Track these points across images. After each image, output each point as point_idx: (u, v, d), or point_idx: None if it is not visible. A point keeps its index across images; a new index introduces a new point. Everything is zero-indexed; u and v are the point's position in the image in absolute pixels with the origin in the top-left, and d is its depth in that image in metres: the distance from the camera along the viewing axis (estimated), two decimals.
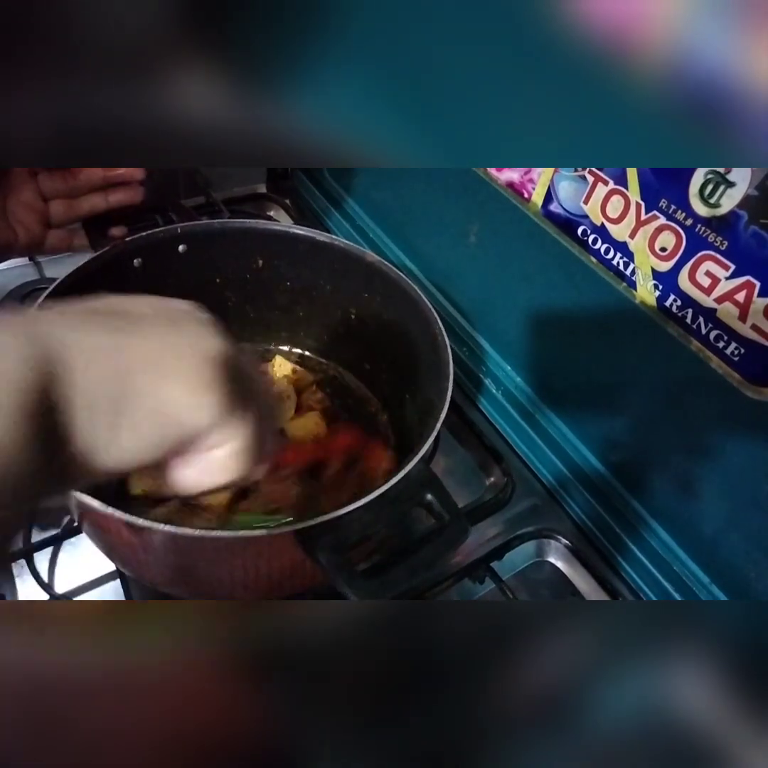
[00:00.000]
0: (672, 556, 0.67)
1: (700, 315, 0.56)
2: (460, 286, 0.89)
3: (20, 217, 0.63)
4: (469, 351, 0.88)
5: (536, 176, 0.67)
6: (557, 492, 0.78)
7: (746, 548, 0.59)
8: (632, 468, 0.70)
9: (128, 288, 0.69)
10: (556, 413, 0.78)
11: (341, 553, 0.47)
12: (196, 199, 1.09)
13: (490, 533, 0.73)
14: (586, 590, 0.73)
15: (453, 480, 0.79)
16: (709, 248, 0.53)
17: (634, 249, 0.59)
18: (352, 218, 1.06)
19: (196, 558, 0.51)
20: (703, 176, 0.52)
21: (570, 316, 0.71)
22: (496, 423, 0.86)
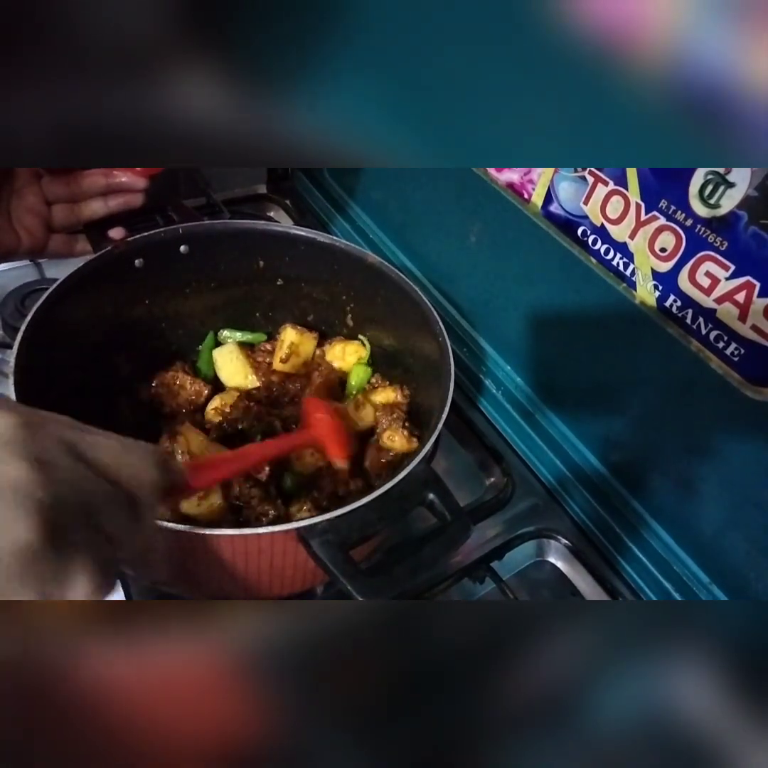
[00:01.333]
0: (672, 556, 0.67)
1: (700, 315, 0.56)
2: (460, 286, 0.89)
3: (23, 221, 0.63)
4: (469, 351, 0.88)
5: (536, 177, 0.67)
6: (557, 492, 0.78)
7: (746, 548, 0.59)
8: (632, 468, 0.70)
9: (130, 288, 0.70)
10: (556, 413, 0.78)
11: (343, 551, 0.47)
12: (197, 200, 1.09)
13: (490, 533, 0.73)
14: (586, 590, 0.73)
15: (453, 480, 0.79)
16: (709, 249, 0.53)
17: (634, 249, 0.60)
18: (353, 219, 1.06)
19: (196, 557, 0.51)
20: (703, 177, 0.52)
21: (570, 317, 0.71)
22: (496, 423, 0.86)
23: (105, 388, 0.70)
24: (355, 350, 0.78)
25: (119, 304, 0.70)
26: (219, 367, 0.77)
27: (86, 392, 0.65)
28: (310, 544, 0.47)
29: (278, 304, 0.81)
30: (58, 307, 0.60)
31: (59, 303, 0.60)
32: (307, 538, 0.47)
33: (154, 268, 0.70)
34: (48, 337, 0.59)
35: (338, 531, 0.47)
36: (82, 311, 0.65)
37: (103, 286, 0.66)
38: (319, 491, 0.64)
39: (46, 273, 0.95)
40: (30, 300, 0.86)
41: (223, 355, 0.77)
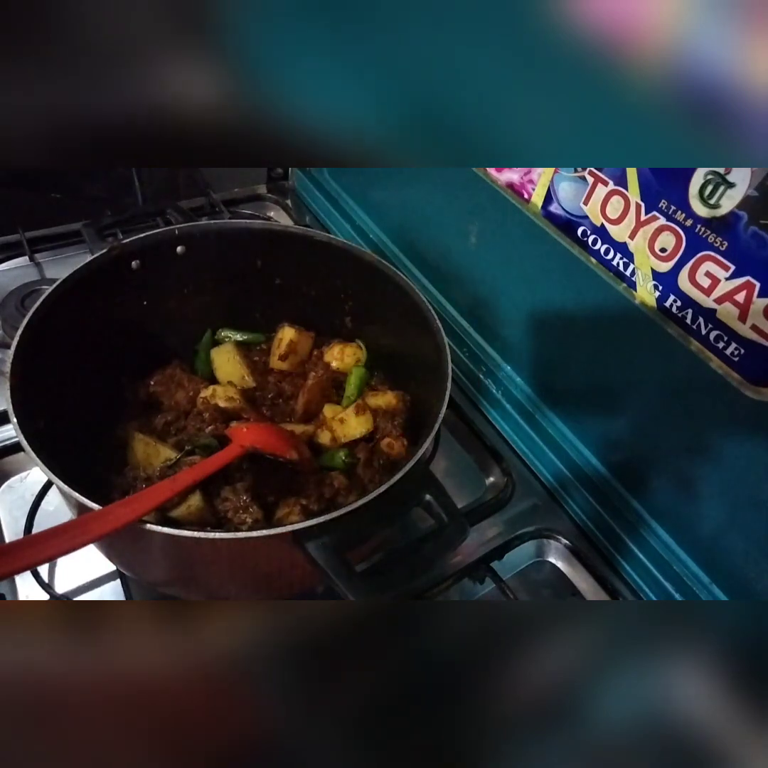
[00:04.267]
0: (672, 556, 0.67)
1: (700, 315, 0.56)
2: (460, 286, 0.89)
3: None
4: (469, 351, 0.88)
5: (536, 177, 0.67)
6: (557, 492, 0.78)
7: (746, 548, 0.59)
8: (632, 468, 0.70)
9: (128, 289, 0.70)
10: (556, 413, 0.78)
11: (339, 554, 0.47)
12: (196, 200, 1.09)
13: (490, 533, 0.73)
14: (586, 590, 0.73)
15: (453, 480, 0.79)
16: (709, 249, 0.53)
17: (634, 249, 0.59)
18: (352, 218, 1.06)
19: (195, 559, 0.51)
20: (703, 177, 0.52)
21: (570, 317, 0.71)
22: (496, 423, 0.86)
23: (103, 387, 0.70)
24: (354, 352, 0.78)
25: (117, 304, 0.70)
26: (216, 366, 0.77)
27: (85, 391, 0.65)
28: (305, 546, 0.47)
29: (276, 303, 0.81)
30: (57, 307, 0.60)
31: (59, 303, 0.60)
32: (303, 541, 0.47)
33: (151, 268, 0.70)
34: (47, 336, 0.59)
35: (334, 533, 0.47)
36: (81, 311, 0.65)
37: (102, 286, 0.66)
38: (306, 496, 0.63)
39: (46, 273, 0.95)
40: (30, 300, 0.86)
41: (220, 354, 0.77)
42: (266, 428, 0.64)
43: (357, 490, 0.65)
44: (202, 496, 0.59)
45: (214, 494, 0.61)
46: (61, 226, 1.00)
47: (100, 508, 0.46)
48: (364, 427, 0.70)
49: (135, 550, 0.52)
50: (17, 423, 0.50)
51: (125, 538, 0.51)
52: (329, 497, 0.64)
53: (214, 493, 0.61)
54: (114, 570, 0.65)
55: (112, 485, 0.63)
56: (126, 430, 0.66)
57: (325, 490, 0.64)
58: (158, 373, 0.73)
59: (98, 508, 0.46)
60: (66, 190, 1.41)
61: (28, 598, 0.64)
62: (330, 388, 0.76)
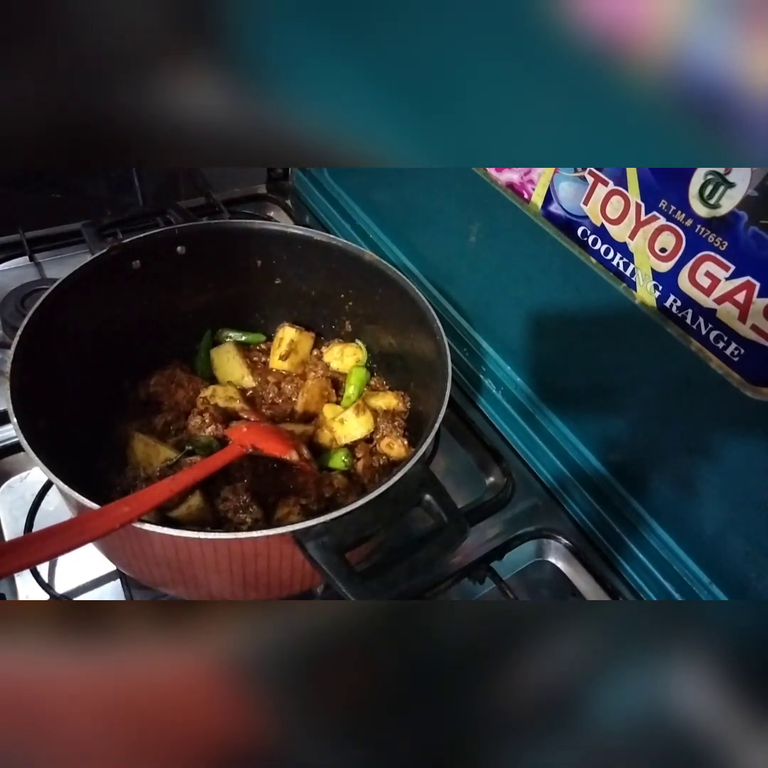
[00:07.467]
0: (672, 556, 0.67)
1: (700, 315, 0.56)
2: (460, 286, 0.89)
3: None
4: (469, 351, 0.88)
5: (536, 177, 0.67)
6: (557, 492, 0.78)
7: (746, 548, 0.59)
8: (632, 468, 0.70)
9: (128, 289, 0.70)
10: (556, 413, 0.78)
11: (339, 554, 0.47)
12: (197, 200, 1.09)
13: (490, 533, 0.73)
14: (586, 590, 0.73)
15: (453, 480, 0.79)
16: (709, 249, 0.53)
17: (634, 249, 0.59)
18: (352, 218, 1.06)
19: (195, 559, 0.51)
20: (703, 177, 0.52)
21: (570, 317, 0.71)
22: (496, 423, 0.86)
23: (103, 387, 0.70)
24: (354, 352, 0.78)
25: (117, 304, 0.70)
26: (216, 366, 0.77)
27: (84, 391, 0.65)
28: (305, 546, 0.47)
29: (276, 303, 0.81)
30: (57, 307, 0.60)
31: (59, 303, 0.60)
32: (303, 541, 0.47)
33: (151, 268, 0.70)
34: (47, 336, 0.59)
35: (334, 533, 0.47)
36: (81, 311, 0.65)
37: (102, 286, 0.67)
38: (306, 496, 0.64)
39: (46, 273, 0.95)
40: (30, 300, 0.86)
41: (220, 354, 0.77)
42: (266, 428, 0.64)
43: (357, 490, 0.65)
44: (202, 496, 0.59)
45: (214, 494, 0.61)
46: (61, 226, 1.01)
47: (99, 507, 0.46)
48: (364, 427, 0.70)
49: (135, 550, 0.52)
50: (17, 423, 0.50)
51: (125, 538, 0.51)
52: (329, 497, 0.64)
53: (214, 493, 0.61)
54: (114, 570, 0.65)
55: (112, 485, 0.63)
56: (126, 430, 0.66)
57: (324, 490, 0.64)
58: (158, 373, 0.73)
59: (98, 507, 0.46)
60: (66, 190, 1.41)
61: (28, 597, 0.64)
62: (330, 388, 0.76)
